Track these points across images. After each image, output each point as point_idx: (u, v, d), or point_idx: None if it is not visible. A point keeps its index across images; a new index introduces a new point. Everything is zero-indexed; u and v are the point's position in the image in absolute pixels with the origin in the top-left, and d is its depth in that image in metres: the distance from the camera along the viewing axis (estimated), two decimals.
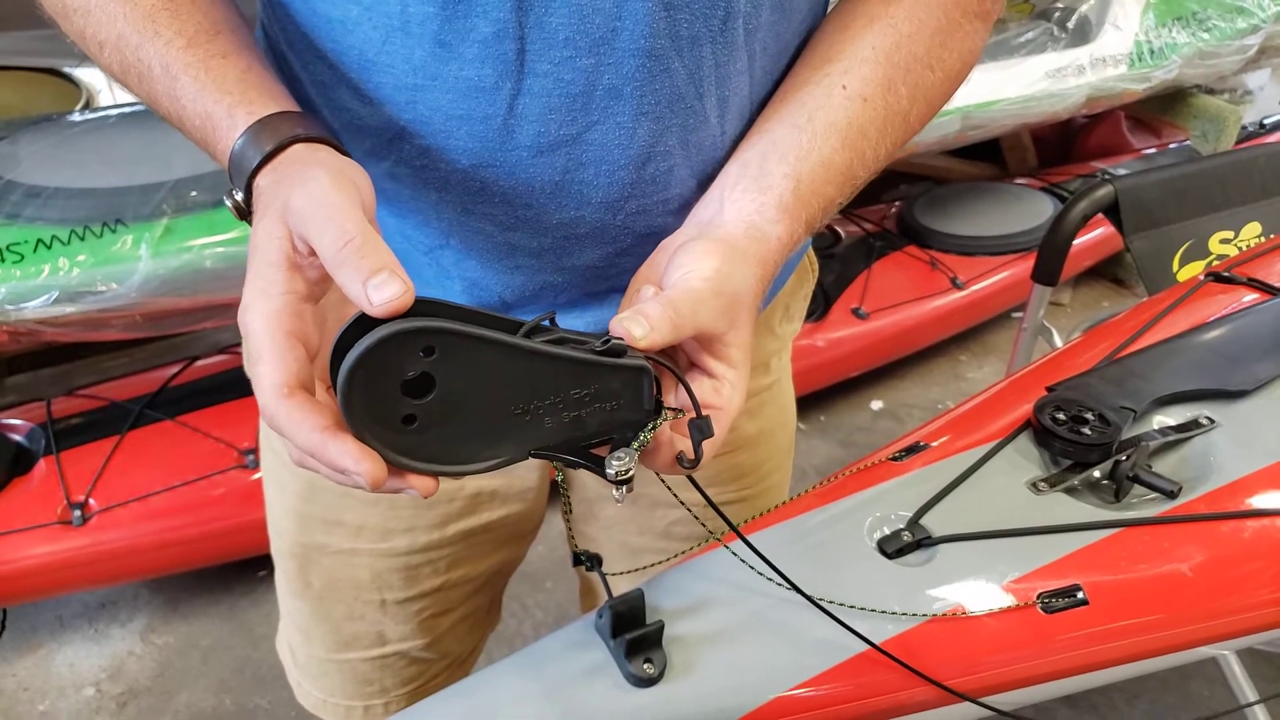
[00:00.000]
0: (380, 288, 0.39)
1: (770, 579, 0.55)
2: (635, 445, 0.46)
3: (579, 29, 0.50)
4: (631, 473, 0.46)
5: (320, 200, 0.42)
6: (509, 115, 0.53)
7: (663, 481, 0.57)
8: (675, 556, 0.73)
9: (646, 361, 0.46)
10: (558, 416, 0.45)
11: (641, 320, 0.45)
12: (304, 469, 0.72)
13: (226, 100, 0.48)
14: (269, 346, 0.41)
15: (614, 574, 0.57)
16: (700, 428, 0.47)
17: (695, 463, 0.48)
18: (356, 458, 0.39)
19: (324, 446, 0.40)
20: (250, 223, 0.47)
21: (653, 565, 0.75)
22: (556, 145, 0.54)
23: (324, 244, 0.41)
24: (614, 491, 0.47)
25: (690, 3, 0.51)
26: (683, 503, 0.59)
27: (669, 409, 0.48)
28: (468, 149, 0.54)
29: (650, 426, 0.47)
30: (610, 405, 0.46)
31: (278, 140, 0.46)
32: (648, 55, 0.52)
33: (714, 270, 0.49)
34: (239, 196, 0.48)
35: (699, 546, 0.61)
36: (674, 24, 0.52)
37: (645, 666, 0.51)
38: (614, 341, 0.45)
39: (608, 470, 0.46)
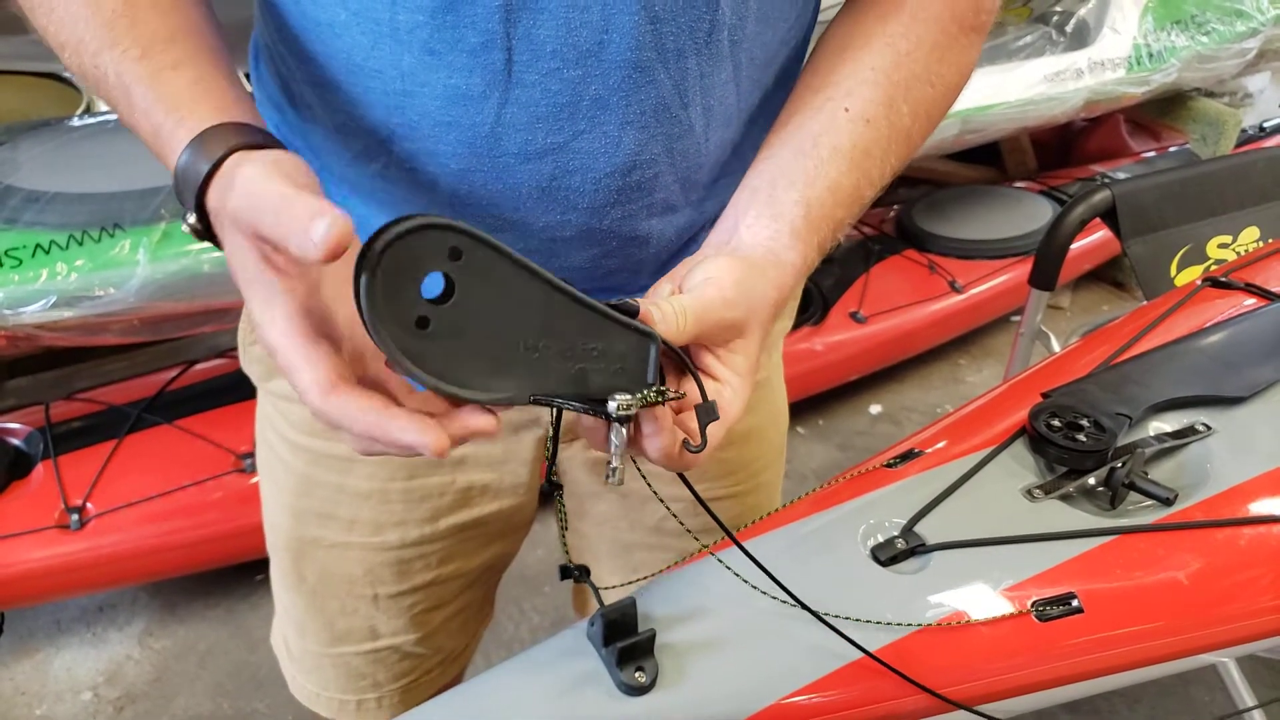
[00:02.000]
0: (317, 226, 0.38)
1: (761, 589, 0.55)
2: (638, 396, 0.46)
3: (566, 41, 0.51)
4: (634, 411, 0.45)
5: (253, 192, 0.42)
6: (496, 123, 0.54)
7: (645, 479, 0.57)
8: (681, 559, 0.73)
9: (657, 333, 0.46)
10: (563, 365, 0.45)
11: (655, 311, 0.47)
12: (296, 468, 0.74)
13: (173, 117, 0.47)
14: (295, 354, 0.41)
15: (606, 588, 0.57)
16: (707, 411, 0.48)
17: (701, 448, 0.48)
18: (420, 430, 0.40)
19: (383, 428, 0.40)
20: (214, 242, 0.47)
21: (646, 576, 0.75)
22: (543, 153, 0.55)
23: (266, 226, 0.40)
24: (612, 438, 0.46)
25: (676, 16, 0.52)
26: (669, 509, 0.59)
27: (674, 391, 0.48)
28: (456, 154, 0.55)
29: (654, 389, 0.46)
30: (615, 368, 0.46)
31: (214, 157, 0.45)
32: (634, 67, 0.52)
33: (733, 282, 0.50)
34: (192, 219, 0.46)
35: (703, 547, 0.61)
36: (660, 37, 0.52)
37: (637, 675, 0.51)
38: (626, 300, 0.46)
39: (610, 404, 0.45)
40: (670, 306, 0.47)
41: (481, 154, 0.55)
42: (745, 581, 0.56)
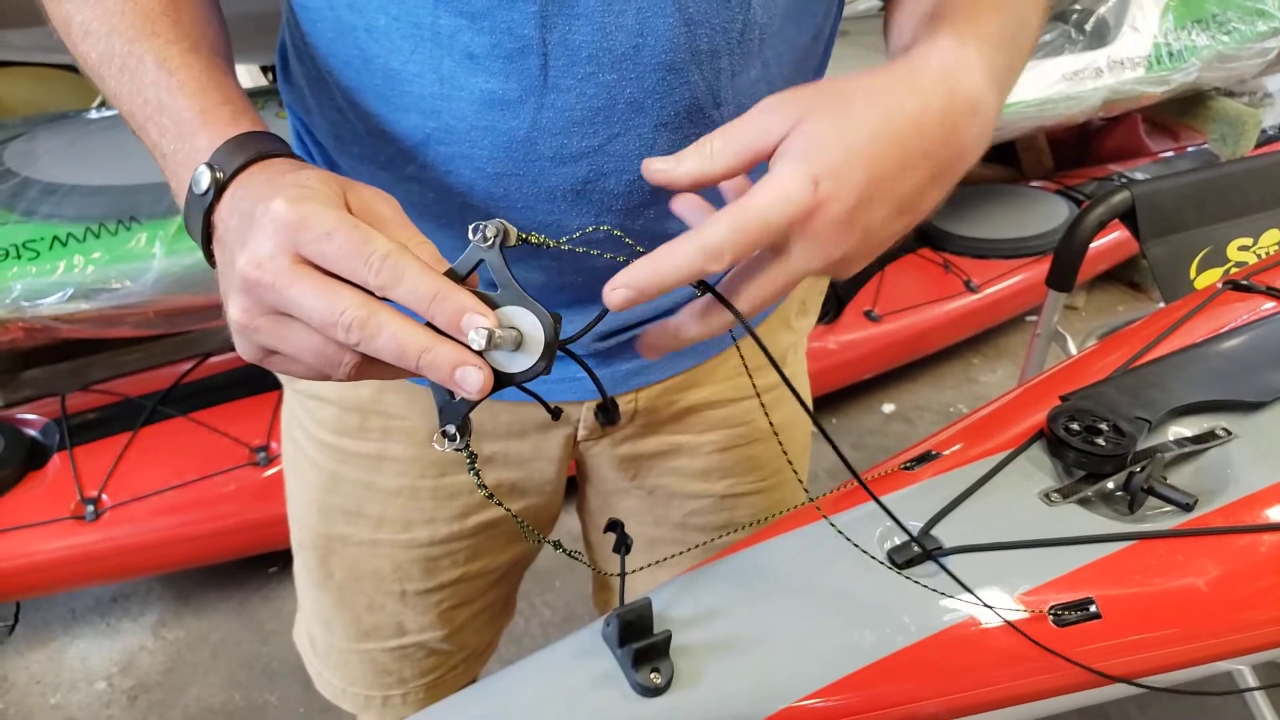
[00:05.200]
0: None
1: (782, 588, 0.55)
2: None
3: (602, 45, 0.51)
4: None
5: (400, 217, 0.44)
6: (532, 128, 0.54)
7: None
8: (694, 547, 0.72)
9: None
10: None
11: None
12: (324, 466, 0.74)
13: (229, 108, 0.48)
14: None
15: (634, 570, 0.56)
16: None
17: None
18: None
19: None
20: (218, 189, 0.46)
21: (673, 556, 0.75)
22: (578, 156, 0.55)
23: (420, 282, 0.41)
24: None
25: (710, 17, 0.52)
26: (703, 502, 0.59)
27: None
28: (491, 158, 0.55)
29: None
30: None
31: (286, 149, 0.47)
32: (668, 69, 0.53)
33: (775, 98, 0.46)
34: (221, 175, 0.45)
35: (718, 537, 0.61)
36: (694, 38, 0.52)
37: (652, 676, 0.51)
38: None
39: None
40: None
41: (517, 158, 0.55)
42: (771, 581, 0.56)
